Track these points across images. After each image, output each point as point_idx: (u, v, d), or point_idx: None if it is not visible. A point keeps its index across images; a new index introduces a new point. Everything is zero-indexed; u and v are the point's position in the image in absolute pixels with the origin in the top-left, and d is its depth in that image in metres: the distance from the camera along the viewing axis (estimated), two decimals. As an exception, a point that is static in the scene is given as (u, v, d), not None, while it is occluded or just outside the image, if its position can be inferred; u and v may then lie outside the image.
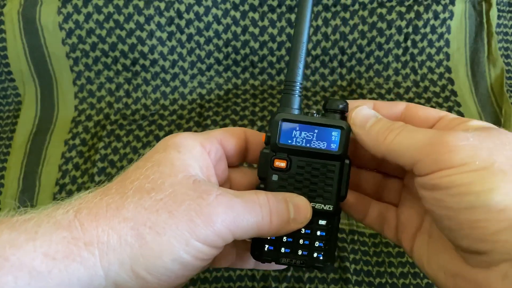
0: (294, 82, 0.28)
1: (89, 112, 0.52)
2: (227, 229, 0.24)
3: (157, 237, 0.22)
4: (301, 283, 0.41)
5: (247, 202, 0.25)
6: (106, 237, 0.22)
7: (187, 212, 0.23)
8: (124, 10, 0.51)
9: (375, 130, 0.26)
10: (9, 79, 0.54)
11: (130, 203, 0.23)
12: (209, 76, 0.54)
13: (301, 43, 0.28)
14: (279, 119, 0.27)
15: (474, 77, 0.53)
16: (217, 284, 0.41)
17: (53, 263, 0.21)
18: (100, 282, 0.22)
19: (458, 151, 0.21)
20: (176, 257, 0.23)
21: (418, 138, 0.23)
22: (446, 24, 0.53)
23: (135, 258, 0.22)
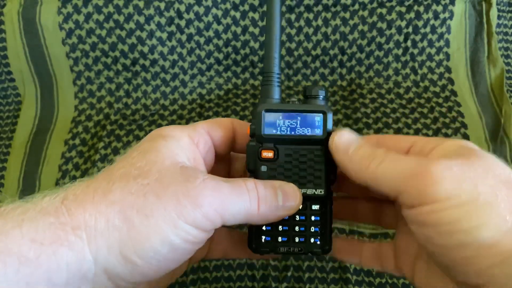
0: (271, 73, 0.28)
1: (89, 112, 0.52)
2: (214, 212, 0.23)
3: (145, 220, 0.22)
4: (301, 283, 0.41)
5: (234, 187, 0.25)
6: (94, 222, 0.22)
7: (174, 195, 0.23)
8: (124, 10, 0.51)
9: (358, 156, 0.25)
10: (9, 79, 0.54)
11: (117, 188, 0.23)
12: (209, 76, 0.54)
13: (273, 33, 0.29)
14: (262, 110, 0.27)
15: (474, 77, 0.53)
16: (217, 284, 0.41)
17: (40, 248, 0.20)
18: (89, 267, 0.22)
19: (442, 183, 0.21)
20: (165, 239, 0.22)
21: (401, 167, 0.23)
22: (446, 24, 0.53)
23: (123, 242, 0.22)
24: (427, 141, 0.26)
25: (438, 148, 0.24)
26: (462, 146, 0.24)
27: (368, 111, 0.51)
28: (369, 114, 0.51)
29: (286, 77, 0.54)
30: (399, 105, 0.52)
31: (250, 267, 0.42)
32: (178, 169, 0.24)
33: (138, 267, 0.22)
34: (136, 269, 0.22)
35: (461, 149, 0.24)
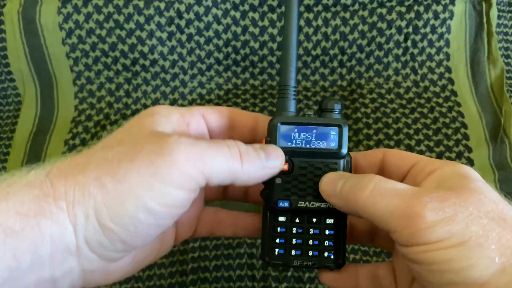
0: (288, 86, 0.28)
1: (89, 112, 0.52)
2: (193, 167, 0.22)
3: (119, 184, 0.21)
4: (301, 283, 0.41)
5: (212, 142, 0.24)
6: (72, 192, 0.22)
7: (148, 156, 0.22)
8: (124, 10, 0.51)
9: (345, 191, 0.25)
10: (9, 79, 0.54)
11: (96, 158, 0.23)
12: (209, 76, 0.54)
13: (291, 46, 0.28)
14: (277, 123, 0.27)
15: (474, 77, 0.53)
16: (217, 284, 0.41)
17: (26, 220, 0.20)
18: (71, 238, 0.21)
19: (434, 228, 0.21)
20: (139, 203, 0.22)
21: (391, 204, 0.23)
22: (446, 24, 0.53)
23: (98, 209, 0.21)
24: (428, 163, 0.26)
25: (435, 174, 0.25)
26: (459, 175, 0.24)
27: (368, 111, 0.51)
28: (369, 114, 0.51)
29: (286, 77, 0.54)
30: (399, 105, 0.52)
31: (250, 267, 0.42)
32: (155, 134, 0.24)
33: (116, 235, 0.22)
34: (114, 237, 0.22)
35: (456, 178, 0.24)
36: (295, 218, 0.28)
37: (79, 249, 0.22)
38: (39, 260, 0.21)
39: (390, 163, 0.28)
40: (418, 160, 0.27)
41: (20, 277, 0.21)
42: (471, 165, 0.48)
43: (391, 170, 0.28)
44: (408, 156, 0.28)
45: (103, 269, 0.24)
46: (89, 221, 0.22)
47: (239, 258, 0.43)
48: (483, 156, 0.48)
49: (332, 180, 0.26)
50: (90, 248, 0.22)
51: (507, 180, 0.46)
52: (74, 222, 0.21)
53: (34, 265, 0.21)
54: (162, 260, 0.43)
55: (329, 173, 0.27)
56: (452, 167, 0.25)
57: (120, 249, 0.23)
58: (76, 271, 0.23)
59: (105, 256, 0.23)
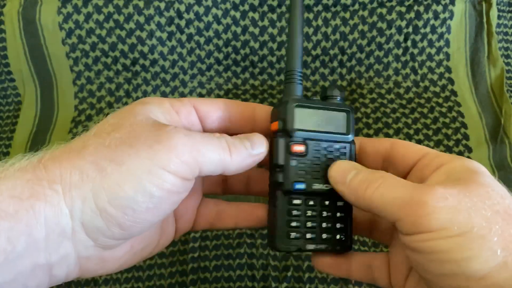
0: (294, 71, 0.29)
1: (89, 112, 0.52)
2: (189, 155, 0.23)
3: (118, 167, 0.22)
4: (301, 283, 0.41)
5: (205, 135, 0.25)
6: (69, 175, 0.22)
7: (146, 141, 0.23)
8: (124, 10, 0.51)
9: (355, 183, 0.25)
10: (9, 79, 0.54)
11: (92, 143, 0.23)
12: (209, 76, 0.54)
13: (297, 31, 0.29)
14: (293, 105, 0.27)
15: (474, 77, 0.53)
16: (217, 284, 0.41)
17: (19, 203, 0.21)
18: (67, 221, 0.22)
19: (437, 215, 0.21)
20: (139, 186, 0.22)
21: (397, 194, 0.23)
22: (446, 24, 0.53)
23: (96, 192, 0.22)
24: (436, 156, 0.26)
25: (443, 168, 0.25)
26: (467, 169, 0.24)
27: (368, 111, 0.51)
28: (369, 114, 0.51)
29: (286, 77, 0.54)
30: (399, 105, 0.52)
31: (250, 267, 0.42)
32: (151, 122, 0.24)
33: (114, 218, 0.22)
34: (112, 221, 0.22)
35: (464, 172, 0.24)
36: (309, 201, 0.28)
37: (75, 233, 0.22)
38: (34, 243, 0.21)
39: (398, 153, 0.28)
40: (426, 153, 0.27)
41: (15, 261, 0.21)
42: (471, 165, 0.48)
43: (397, 160, 0.28)
44: (417, 148, 0.28)
45: (99, 257, 0.24)
46: (86, 204, 0.22)
47: (239, 258, 0.43)
48: (483, 156, 0.48)
49: (343, 169, 0.27)
50: (86, 232, 0.22)
51: (507, 180, 0.46)
52: (70, 205, 0.22)
53: (29, 249, 0.21)
54: (162, 260, 0.43)
55: (340, 161, 0.27)
56: (461, 161, 0.25)
57: (117, 235, 0.23)
58: (72, 257, 0.23)
59: (101, 242, 0.23)
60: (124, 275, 0.42)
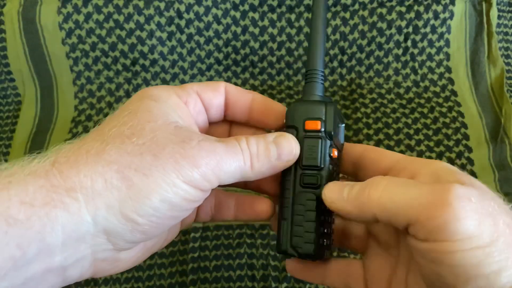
0: (316, 70, 0.28)
1: (89, 112, 0.52)
2: (211, 172, 0.23)
3: (144, 178, 0.22)
4: (301, 283, 0.41)
5: (228, 147, 0.24)
6: (90, 182, 0.21)
7: (172, 155, 0.22)
8: (124, 10, 0.51)
9: (354, 194, 0.23)
10: (9, 79, 0.53)
11: (112, 148, 0.22)
12: (209, 76, 0.54)
13: (320, 29, 0.28)
14: (335, 109, 0.27)
15: (474, 77, 0.53)
16: (217, 284, 0.41)
17: (31, 210, 0.20)
18: (88, 228, 0.21)
19: (465, 220, 0.18)
20: (164, 198, 0.22)
21: (412, 194, 0.21)
22: (446, 24, 0.52)
23: (123, 201, 0.21)
24: (411, 162, 0.25)
25: (425, 172, 0.23)
26: (453, 172, 0.23)
27: (368, 111, 0.51)
28: (369, 114, 0.51)
29: (286, 77, 0.54)
30: (399, 105, 0.52)
31: (250, 267, 0.42)
32: (172, 128, 0.24)
33: (139, 225, 0.22)
34: (137, 228, 0.22)
35: (454, 175, 0.22)
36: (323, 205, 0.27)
37: (95, 237, 0.22)
38: (48, 248, 0.20)
39: (369, 158, 0.28)
40: (398, 159, 0.26)
41: (25, 266, 0.20)
42: (471, 165, 0.48)
43: (368, 166, 0.28)
44: (389, 153, 0.27)
45: (115, 258, 0.24)
46: (110, 212, 0.21)
47: (239, 258, 0.43)
48: (483, 156, 0.48)
49: (338, 188, 0.25)
50: (108, 238, 0.22)
51: (507, 180, 0.46)
52: (93, 213, 0.21)
53: (41, 254, 0.20)
54: (162, 260, 0.43)
55: (330, 183, 0.26)
56: (437, 165, 0.24)
57: (138, 238, 0.23)
58: (88, 260, 0.22)
59: (120, 245, 0.23)
60: (124, 275, 0.42)
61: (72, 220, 0.21)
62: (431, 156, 0.48)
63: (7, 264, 0.19)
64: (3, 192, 0.20)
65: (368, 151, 0.28)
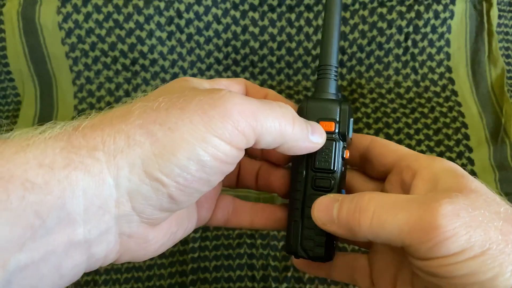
0: (329, 66, 0.27)
1: (88, 112, 0.52)
2: (246, 122, 0.21)
3: (169, 132, 0.20)
4: (301, 283, 0.41)
5: (264, 101, 0.22)
6: (113, 140, 0.19)
7: (200, 106, 0.20)
8: (124, 10, 0.51)
9: (344, 216, 0.23)
10: (9, 79, 0.53)
11: (137, 109, 0.21)
12: (209, 76, 0.54)
13: (334, 25, 0.27)
14: (350, 109, 0.26)
15: (474, 77, 0.53)
16: (217, 285, 0.41)
17: (50, 173, 0.18)
18: (110, 192, 0.19)
19: (454, 238, 0.19)
20: (192, 154, 0.20)
21: (401, 218, 0.21)
22: (447, 23, 0.52)
23: (146, 158, 0.20)
24: (414, 160, 0.25)
25: (425, 173, 0.23)
26: (452, 173, 0.23)
27: (369, 111, 0.51)
28: (370, 114, 0.51)
29: (286, 76, 0.54)
30: (400, 105, 0.52)
31: (250, 267, 0.42)
32: (201, 89, 0.23)
33: (165, 186, 0.20)
34: (162, 189, 0.20)
35: (452, 177, 0.23)
36: None
37: (119, 204, 0.20)
38: (69, 217, 0.19)
39: (375, 153, 0.27)
40: (403, 154, 0.26)
41: (45, 237, 0.18)
42: (471, 165, 0.48)
43: (374, 160, 0.27)
44: (393, 149, 0.27)
45: (142, 236, 0.22)
46: (134, 171, 0.20)
47: (239, 258, 0.43)
48: (484, 156, 0.48)
49: (326, 206, 0.24)
50: (132, 203, 0.20)
51: (508, 180, 0.46)
52: (115, 173, 0.19)
53: (62, 223, 0.19)
54: (161, 260, 0.43)
55: (319, 198, 0.25)
56: (440, 165, 0.24)
57: (166, 205, 0.21)
58: (113, 233, 0.21)
59: (147, 216, 0.21)
60: (124, 275, 0.42)
61: (94, 183, 0.19)
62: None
63: (25, 233, 0.18)
64: (20, 154, 0.18)
65: (374, 145, 0.27)
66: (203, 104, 0.21)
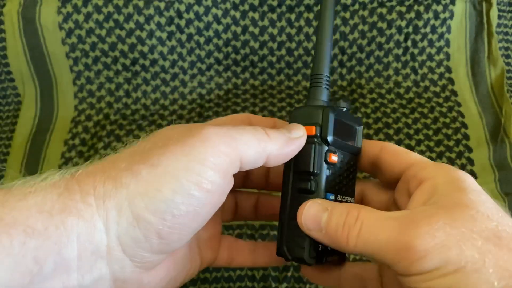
0: (321, 75, 0.27)
1: (89, 112, 0.52)
2: (225, 145, 0.22)
3: (153, 169, 0.20)
4: (301, 283, 0.41)
5: (235, 125, 0.24)
6: (102, 185, 0.20)
7: (180, 139, 0.21)
8: (124, 10, 0.51)
9: (332, 228, 0.23)
10: (9, 79, 0.53)
11: (125, 154, 0.22)
12: (209, 76, 0.54)
13: (326, 33, 0.27)
14: (333, 113, 0.26)
15: (474, 77, 0.53)
16: (217, 285, 0.41)
17: (48, 219, 0.19)
18: (101, 237, 0.20)
19: (428, 257, 0.20)
20: (176, 186, 0.20)
21: (382, 239, 0.22)
22: (446, 24, 0.52)
23: (132, 198, 0.20)
24: (421, 169, 0.25)
25: (427, 185, 0.24)
26: (452, 186, 0.23)
27: (368, 111, 0.51)
28: (369, 114, 0.51)
29: (286, 77, 0.54)
30: (399, 105, 0.52)
31: (250, 267, 0.42)
32: (183, 126, 0.24)
33: (152, 225, 0.20)
34: (150, 228, 0.20)
35: (448, 191, 0.23)
36: None
37: (110, 249, 0.20)
38: (64, 264, 0.19)
39: (386, 161, 0.27)
40: (412, 163, 0.26)
41: (42, 283, 0.19)
42: (471, 165, 0.48)
43: (385, 169, 0.27)
44: (404, 157, 0.27)
45: (137, 281, 0.22)
46: (122, 214, 0.20)
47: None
48: (483, 156, 0.48)
49: (314, 214, 0.24)
50: (123, 247, 0.21)
51: (507, 180, 0.46)
52: (104, 217, 0.20)
53: (58, 270, 0.19)
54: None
55: (306, 204, 0.25)
56: (445, 176, 0.24)
57: (156, 246, 0.21)
58: (107, 280, 0.21)
59: (139, 259, 0.22)
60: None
61: (86, 228, 0.20)
62: (431, 156, 0.48)
63: (24, 280, 0.18)
64: (22, 202, 0.19)
65: (384, 152, 0.27)
66: (182, 136, 0.21)
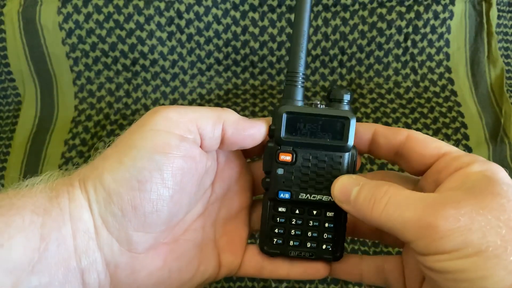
0: (296, 73, 0.27)
1: (89, 112, 0.52)
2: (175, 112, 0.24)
3: (116, 148, 0.24)
4: (301, 283, 0.41)
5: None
6: (84, 170, 0.24)
7: (137, 123, 0.25)
8: (124, 10, 0.51)
9: (360, 201, 0.24)
10: (9, 79, 0.53)
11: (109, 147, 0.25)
12: (209, 76, 0.54)
13: (302, 32, 0.27)
14: (283, 112, 0.26)
15: (474, 77, 0.53)
16: (217, 284, 0.41)
17: (49, 201, 0.22)
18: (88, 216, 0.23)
19: (450, 238, 0.21)
20: (135, 153, 0.23)
21: (406, 215, 0.22)
22: (446, 24, 0.53)
23: (101, 174, 0.23)
24: (455, 159, 0.25)
25: (459, 174, 0.24)
26: (484, 176, 0.23)
27: (368, 111, 0.51)
28: (369, 114, 0.51)
29: (286, 77, 0.54)
30: (399, 105, 0.52)
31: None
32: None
33: (123, 197, 0.23)
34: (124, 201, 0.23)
35: (480, 180, 0.23)
36: (295, 209, 0.28)
37: (97, 229, 0.23)
38: (64, 241, 0.22)
39: (414, 150, 0.27)
40: (444, 153, 0.26)
41: (48, 260, 0.21)
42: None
43: (412, 158, 0.27)
44: (434, 146, 0.26)
45: (128, 265, 0.24)
46: (98, 192, 0.23)
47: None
48: (483, 156, 0.48)
49: (345, 187, 0.25)
50: (106, 225, 0.23)
51: (507, 180, 0.46)
52: (86, 197, 0.23)
53: (60, 249, 0.22)
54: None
55: (340, 177, 0.26)
56: (480, 166, 0.24)
57: (135, 221, 0.23)
58: (99, 262, 0.23)
59: (124, 239, 0.23)
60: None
61: (75, 208, 0.22)
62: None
63: (34, 256, 0.21)
64: (30, 190, 0.23)
65: (412, 140, 0.27)
66: (139, 120, 0.25)
